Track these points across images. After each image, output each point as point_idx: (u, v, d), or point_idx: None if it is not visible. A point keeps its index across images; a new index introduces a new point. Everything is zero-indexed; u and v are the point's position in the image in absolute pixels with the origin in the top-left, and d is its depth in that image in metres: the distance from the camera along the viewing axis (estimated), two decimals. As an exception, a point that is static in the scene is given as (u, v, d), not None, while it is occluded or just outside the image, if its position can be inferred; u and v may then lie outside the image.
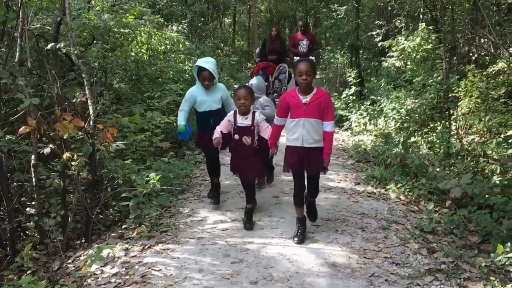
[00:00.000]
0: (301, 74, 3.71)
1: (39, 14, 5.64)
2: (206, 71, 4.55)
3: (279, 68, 9.56)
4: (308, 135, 3.80)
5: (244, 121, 4.22)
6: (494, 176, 4.62)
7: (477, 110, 6.61)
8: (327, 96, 3.82)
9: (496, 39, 6.00)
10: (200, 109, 4.73)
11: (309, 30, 11.88)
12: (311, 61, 3.84)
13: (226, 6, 18.39)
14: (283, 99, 3.92)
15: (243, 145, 4.25)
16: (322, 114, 3.76)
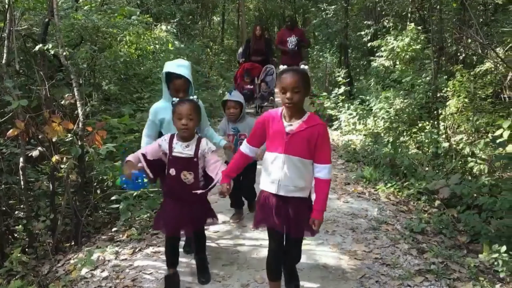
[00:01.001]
0: (285, 90, 2.56)
1: (26, 14, 5.57)
2: (181, 79, 3.28)
3: (265, 70, 9.19)
4: (287, 179, 2.65)
5: (184, 149, 2.96)
6: (482, 176, 4.68)
7: (465, 109, 6.68)
8: (322, 128, 2.63)
9: (483, 40, 6.06)
10: (168, 133, 3.21)
11: (297, 26, 11.52)
12: (302, 72, 2.63)
13: (215, 4, 18.34)
14: (260, 120, 2.80)
15: (182, 184, 2.97)
16: (311, 152, 2.64)
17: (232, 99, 3.96)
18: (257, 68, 9.09)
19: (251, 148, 2.88)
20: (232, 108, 3.95)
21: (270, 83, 9.24)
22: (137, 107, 6.93)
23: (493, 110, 6.44)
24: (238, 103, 3.97)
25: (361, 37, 11.23)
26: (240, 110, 3.96)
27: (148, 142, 3.41)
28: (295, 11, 25.19)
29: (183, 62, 3.42)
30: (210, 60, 15.11)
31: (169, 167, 2.99)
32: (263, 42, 9.37)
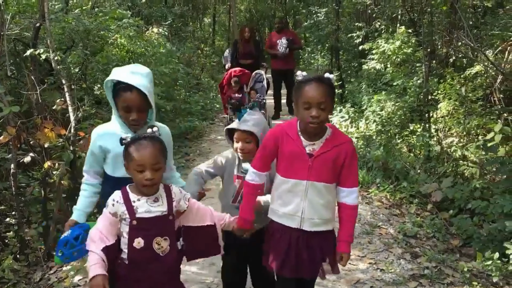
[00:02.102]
0: (309, 106, 2.08)
1: (16, 18, 5.51)
2: (132, 92, 2.24)
3: (254, 76, 8.29)
4: (312, 210, 2.23)
5: (153, 206, 2.09)
6: (474, 179, 4.72)
7: (456, 112, 6.73)
8: (350, 146, 2.23)
9: (473, 43, 6.11)
10: (115, 173, 2.38)
11: (288, 28, 11.04)
12: (328, 83, 2.13)
13: (206, 6, 18.32)
14: (271, 136, 2.29)
15: (154, 257, 2.09)
16: (336, 174, 2.23)
17: (241, 129, 2.52)
18: (246, 74, 8.17)
19: (261, 175, 2.32)
20: (242, 141, 2.53)
21: (260, 91, 8.37)
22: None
23: (484, 113, 6.49)
24: (252, 135, 2.50)
25: (352, 39, 11.27)
26: (255, 145, 2.51)
27: (85, 194, 2.43)
28: (285, 13, 25.26)
29: (139, 69, 2.35)
30: (201, 62, 15.08)
31: (133, 237, 2.05)
32: (252, 44, 8.70)
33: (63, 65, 4.99)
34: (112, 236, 2.07)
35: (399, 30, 8.67)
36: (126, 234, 2.07)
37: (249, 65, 8.49)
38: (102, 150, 2.36)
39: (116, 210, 2.04)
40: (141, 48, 7.67)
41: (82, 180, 2.49)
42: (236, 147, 2.55)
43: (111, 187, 2.26)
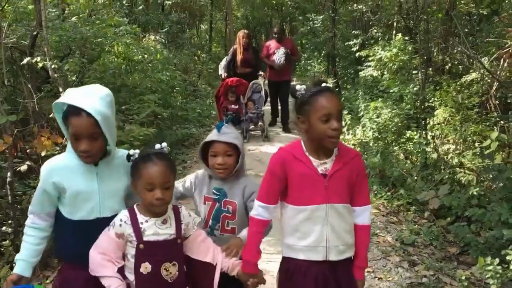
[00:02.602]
0: (328, 118, 1.89)
1: (13, 26, 5.51)
2: (83, 115, 1.88)
3: (252, 86, 8.01)
4: (335, 237, 2.00)
5: (161, 228, 1.96)
6: (471, 186, 4.73)
7: (452, 119, 6.75)
8: (359, 161, 2.09)
9: (469, 50, 6.15)
10: (74, 216, 2.01)
11: (286, 37, 10.60)
12: (334, 91, 2.04)
13: (203, 13, 18.39)
14: (277, 162, 2.03)
15: (164, 283, 1.95)
16: (350, 193, 2.04)
17: (222, 140, 2.23)
18: (243, 84, 7.77)
19: (269, 208, 2.05)
20: (222, 155, 2.22)
21: (258, 102, 8.04)
22: (125, 119, 6.88)
23: (480, 119, 6.52)
24: (233, 147, 2.25)
25: (349, 46, 11.32)
26: (235, 160, 2.26)
27: (28, 242, 2.05)
28: (282, 20, 25.38)
29: (96, 90, 1.99)
30: (198, 68, 15.11)
31: (139, 262, 1.92)
32: (251, 51, 8.23)
33: (60, 73, 4.98)
34: (120, 258, 1.95)
35: (395, 37, 8.72)
36: (131, 257, 1.93)
37: (247, 75, 8.06)
38: (56, 188, 1.97)
39: (123, 231, 1.90)
40: (138, 56, 7.68)
41: (26, 223, 2.07)
42: (214, 163, 2.23)
43: (70, 233, 2.00)
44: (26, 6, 6.37)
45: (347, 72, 12.42)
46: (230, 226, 2.27)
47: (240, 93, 7.92)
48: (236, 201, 2.27)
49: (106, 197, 2.02)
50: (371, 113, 7.37)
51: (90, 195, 1.99)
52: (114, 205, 2.04)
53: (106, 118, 1.90)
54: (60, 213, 2.04)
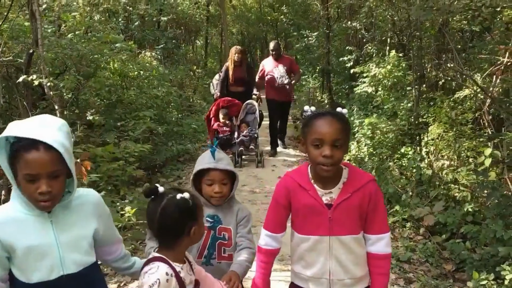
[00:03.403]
0: (320, 143, 1.78)
1: (9, 43, 5.54)
2: (42, 149, 1.53)
3: (245, 107, 7.50)
4: (340, 270, 1.89)
5: (190, 274, 1.81)
6: (466, 203, 4.74)
7: (446, 135, 6.80)
8: (373, 186, 1.90)
9: (461, 67, 6.22)
10: (31, 278, 1.62)
11: (284, 53, 10.17)
12: (343, 118, 1.84)
13: (198, 29, 18.53)
14: (281, 191, 1.97)
15: None
16: (363, 221, 1.90)
17: (220, 168, 2.14)
18: (236, 105, 7.33)
19: (276, 237, 1.99)
20: (218, 183, 2.14)
21: (252, 124, 7.50)
22: (120, 134, 6.88)
23: (474, 135, 6.57)
24: (228, 174, 2.18)
25: (343, 62, 11.41)
26: (230, 188, 2.20)
27: None
28: (277, 35, 25.58)
29: (49, 120, 1.64)
30: (193, 84, 15.17)
31: None
32: (244, 68, 7.64)
33: (56, 90, 4.99)
34: None
35: (389, 54, 8.80)
36: None
37: (241, 94, 7.59)
38: (2, 247, 1.58)
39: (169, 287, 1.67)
40: (134, 72, 7.70)
41: None
42: (210, 191, 2.14)
43: None
44: (23, 23, 6.41)
45: (341, 88, 12.50)
46: (227, 253, 2.20)
47: (233, 114, 7.47)
48: (231, 227, 2.21)
49: (68, 250, 1.67)
50: (365, 129, 7.41)
51: (46, 250, 1.62)
52: (81, 258, 1.71)
53: (69, 151, 1.61)
54: (14, 277, 1.63)
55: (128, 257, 2.02)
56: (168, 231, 1.72)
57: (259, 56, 37.76)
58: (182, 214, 1.71)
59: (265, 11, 25.83)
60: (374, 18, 9.95)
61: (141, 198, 5.70)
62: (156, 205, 1.71)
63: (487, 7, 4.45)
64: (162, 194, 1.73)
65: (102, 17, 10.07)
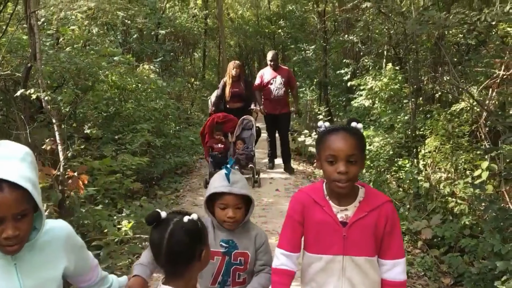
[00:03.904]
0: (335, 159, 1.72)
1: (7, 57, 5.56)
2: (5, 188, 1.31)
3: (241, 123, 7.15)
4: None
5: None
6: (463, 216, 4.75)
7: (443, 147, 6.82)
8: (390, 207, 1.84)
9: (457, 80, 6.26)
10: None
11: (283, 64, 9.67)
12: (358, 133, 1.79)
13: (196, 41, 18.65)
14: (296, 207, 1.90)
15: None
16: (378, 244, 1.82)
17: (233, 192, 2.01)
18: (231, 120, 7.03)
19: (292, 257, 1.89)
20: (232, 208, 2.02)
21: (248, 141, 7.10)
22: (118, 147, 6.87)
23: (471, 148, 6.59)
24: (243, 198, 2.05)
25: (340, 75, 11.48)
26: (245, 212, 2.08)
27: None
28: (274, 48, 25.72)
29: (11, 150, 1.43)
30: (191, 96, 15.22)
31: None
32: (242, 83, 7.41)
33: (53, 104, 5.01)
34: None
35: (386, 67, 8.86)
36: None
37: (238, 110, 7.31)
38: None
39: None
40: (132, 85, 7.72)
41: None
42: (223, 215, 2.02)
43: None
44: (21, 37, 6.44)
45: (339, 100, 12.56)
46: (242, 278, 2.12)
47: (228, 130, 7.11)
48: (249, 252, 2.08)
49: None
50: (363, 142, 7.43)
51: None
52: None
53: (36, 185, 1.41)
54: None
55: (105, 279, 1.85)
56: (178, 258, 1.59)
57: (256, 68, 37.98)
58: (193, 238, 1.60)
59: (263, 24, 26.00)
60: (371, 31, 10.03)
61: (138, 212, 5.69)
62: (161, 232, 1.58)
63: (481, 22, 4.48)
64: (166, 220, 1.61)
65: (100, 30, 10.14)
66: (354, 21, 10.62)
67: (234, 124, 7.08)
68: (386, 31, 9.09)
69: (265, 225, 5.38)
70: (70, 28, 7.21)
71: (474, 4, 8.87)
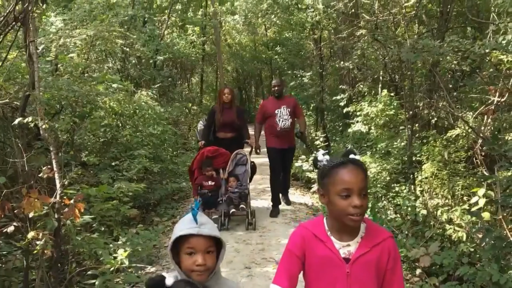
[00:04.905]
0: (349, 193, 1.69)
1: (5, 84, 5.59)
2: None
3: (235, 157, 6.46)
4: None
5: None
6: (461, 243, 4.73)
7: (440, 173, 6.84)
8: (392, 243, 1.81)
9: (453, 108, 6.32)
10: None
11: (287, 94, 8.95)
12: (364, 167, 1.79)
13: (194, 67, 18.84)
14: (296, 241, 1.83)
15: None
16: (380, 281, 1.79)
17: (204, 234, 1.74)
18: (223, 155, 6.35)
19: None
20: (202, 253, 1.73)
21: (242, 178, 6.39)
22: (115, 173, 6.86)
23: (467, 174, 6.61)
24: (214, 241, 1.78)
25: (336, 100, 11.58)
26: (215, 259, 1.79)
27: None
28: (271, 73, 25.98)
29: None
30: (188, 121, 15.29)
31: None
32: (234, 111, 6.62)
33: (51, 131, 5.02)
34: None
35: (382, 92, 8.95)
36: None
37: (230, 140, 6.58)
38: None
39: None
40: (130, 111, 7.76)
41: None
42: (192, 263, 1.72)
43: None
44: (20, 64, 6.49)
45: (335, 125, 12.63)
46: None
47: (219, 166, 6.40)
48: None
49: None
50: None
51: None
52: None
53: None
54: None
55: None
56: None
57: (253, 92, 38.27)
58: None
59: (260, 49, 26.34)
60: (366, 58, 10.17)
61: (134, 240, 5.65)
62: None
63: (475, 53, 4.57)
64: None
65: (99, 57, 10.24)
66: (350, 48, 10.77)
67: (226, 159, 6.37)
68: (381, 57, 9.22)
69: (263, 252, 5.34)
70: (69, 56, 7.29)
71: (468, 32, 9.03)
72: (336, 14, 10.43)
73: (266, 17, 14.94)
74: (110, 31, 7.04)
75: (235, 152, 6.37)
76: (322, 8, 10.64)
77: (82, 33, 6.51)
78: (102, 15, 8.43)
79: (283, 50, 17.99)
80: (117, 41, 7.83)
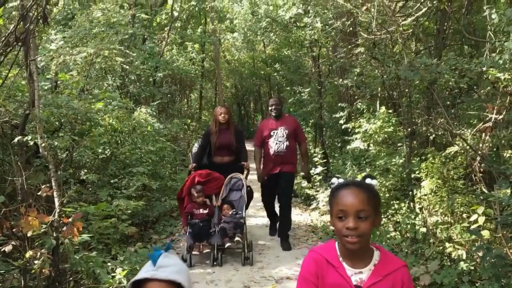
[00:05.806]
0: (344, 215, 1.68)
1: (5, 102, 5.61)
2: None
3: (229, 182, 5.83)
4: None
5: None
6: (461, 261, 4.71)
7: (439, 190, 6.83)
8: (406, 272, 1.76)
9: (451, 125, 6.35)
10: None
11: (286, 113, 8.38)
12: (370, 189, 1.74)
13: (193, 83, 18.94)
14: (311, 266, 1.78)
15: None
16: None
17: (160, 278, 1.52)
18: (215, 179, 5.76)
19: None
20: None
21: (237, 205, 5.74)
22: (113, 191, 6.85)
23: (467, 191, 6.61)
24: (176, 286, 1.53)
25: (335, 117, 11.62)
26: None
27: None
28: (270, 89, 26.11)
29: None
30: (187, 137, 15.31)
31: None
32: (231, 132, 5.99)
33: (50, 149, 5.03)
34: None
35: (380, 109, 8.99)
36: None
37: (227, 166, 5.97)
38: None
39: None
40: (129, 127, 7.78)
41: None
42: None
43: None
44: (20, 82, 6.53)
45: (334, 142, 12.65)
46: None
47: (212, 192, 5.78)
48: None
49: None
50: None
51: None
52: None
53: None
54: None
55: None
56: None
57: (252, 108, 38.43)
58: None
59: (259, 66, 26.50)
60: (364, 76, 10.24)
61: (132, 258, 5.61)
62: None
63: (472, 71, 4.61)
64: None
65: (98, 74, 10.30)
66: (349, 66, 10.86)
67: (219, 184, 5.77)
68: (379, 75, 9.28)
69: (262, 270, 5.31)
70: (69, 74, 7.33)
71: (465, 50, 9.12)
72: (334, 32, 10.52)
73: (265, 35, 15.05)
74: (110, 49, 7.09)
75: (229, 176, 5.76)
76: (321, 27, 10.74)
77: (82, 51, 6.55)
78: (102, 33, 8.50)
79: (282, 67, 18.12)
80: (117, 59, 7.88)
